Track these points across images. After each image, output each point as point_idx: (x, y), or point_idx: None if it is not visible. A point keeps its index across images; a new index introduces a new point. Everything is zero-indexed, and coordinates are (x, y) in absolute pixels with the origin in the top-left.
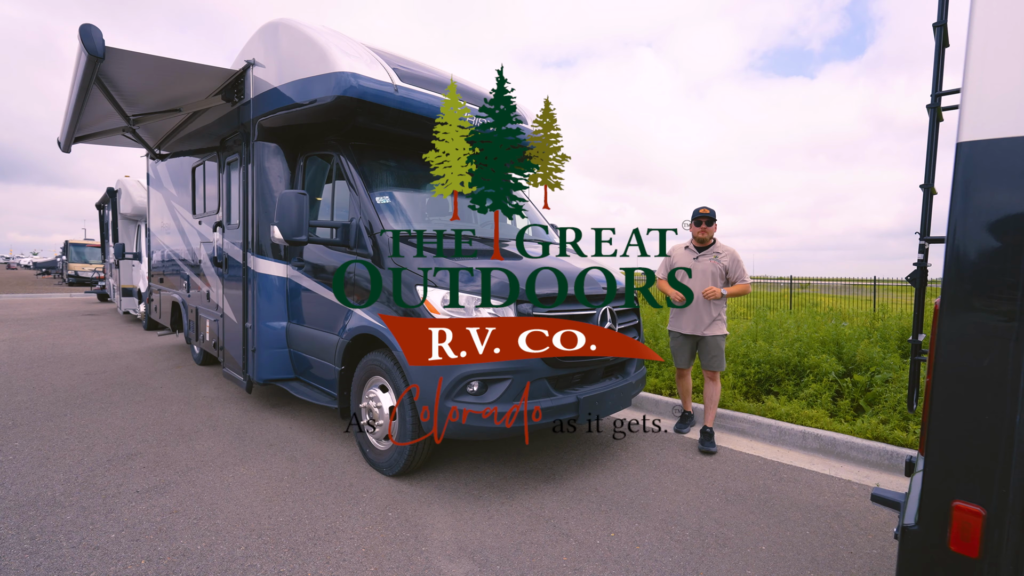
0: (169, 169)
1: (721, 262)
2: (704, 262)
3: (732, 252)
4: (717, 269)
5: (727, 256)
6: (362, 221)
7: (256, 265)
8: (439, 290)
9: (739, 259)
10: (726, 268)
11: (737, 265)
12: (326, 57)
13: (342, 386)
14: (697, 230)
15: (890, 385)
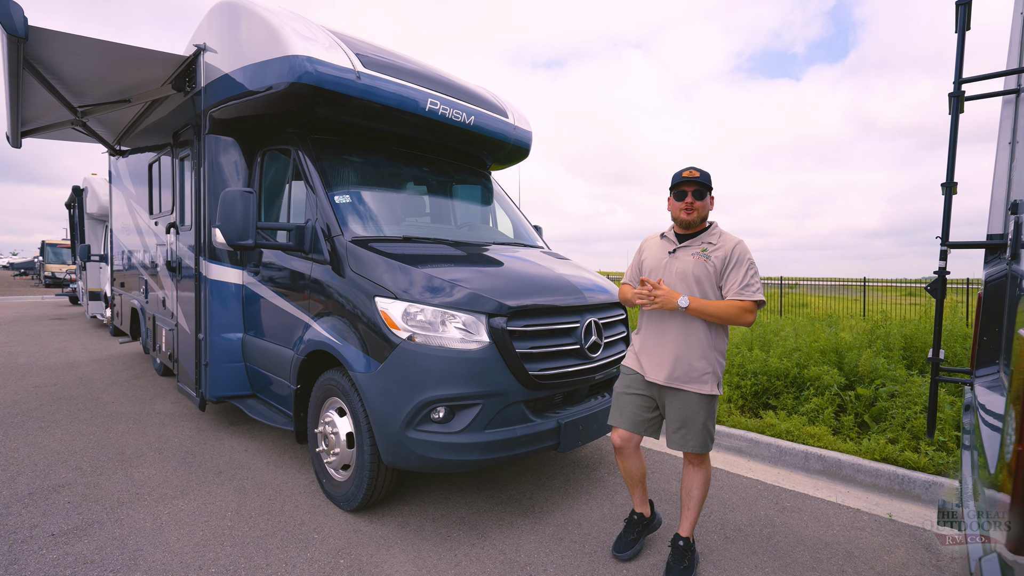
0: (129, 166)
1: (712, 260)
2: (683, 258)
3: (734, 247)
4: (703, 272)
5: (722, 251)
6: (319, 223)
7: (209, 271)
8: (399, 302)
9: (745, 258)
10: (717, 270)
11: (738, 268)
12: (278, 39)
13: (298, 407)
14: (679, 206)
15: (897, 400)
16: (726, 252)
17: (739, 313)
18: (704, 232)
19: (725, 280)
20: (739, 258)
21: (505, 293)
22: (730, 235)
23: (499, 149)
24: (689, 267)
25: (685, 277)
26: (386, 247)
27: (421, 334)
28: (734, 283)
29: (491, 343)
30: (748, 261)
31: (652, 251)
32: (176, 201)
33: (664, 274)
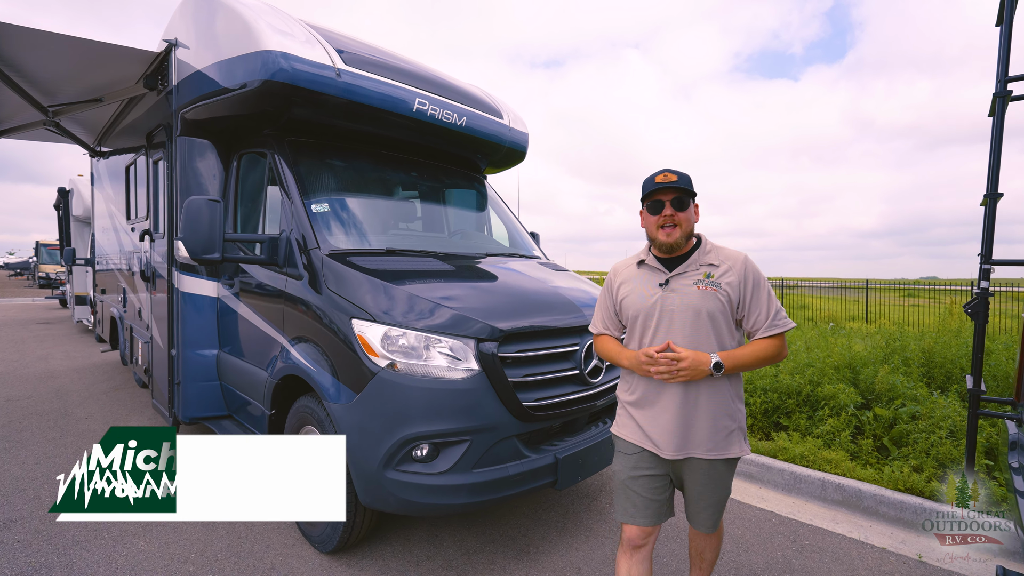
0: (108, 168)
1: (724, 288)
2: (684, 291)
3: (744, 265)
4: (717, 305)
5: (732, 274)
6: (294, 234)
7: (181, 283)
8: (379, 325)
9: (761, 278)
10: (732, 301)
11: (758, 293)
12: (251, 33)
13: (273, 433)
14: (655, 222)
15: (919, 423)
16: (739, 275)
17: (776, 352)
18: (696, 251)
19: (747, 311)
20: (756, 279)
21: (497, 314)
22: (728, 249)
23: (494, 152)
24: (697, 302)
25: (698, 317)
26: (367, 262)
27: (403, 361)
28: (760, 314)
29: (480, 371)
30: (765, 280)
31: (634, 285)
32: (150, 207)
33: (662, 316)
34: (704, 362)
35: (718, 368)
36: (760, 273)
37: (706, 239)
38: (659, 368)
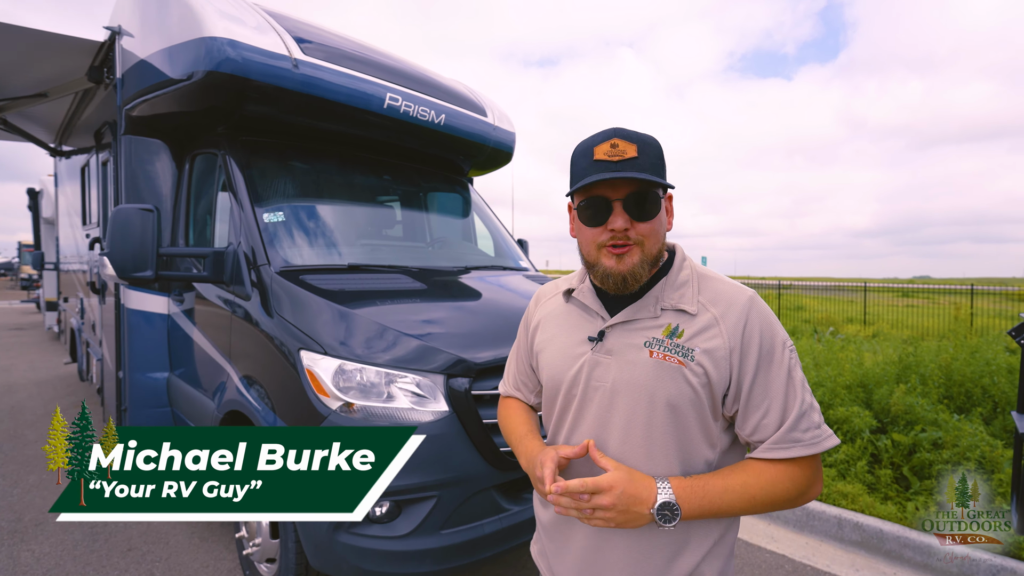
0: (67, 169)
1: (697, 358)
2: (626, 354)
3: (742, 314)
4: (680, 389)
5: (723, 334)
6: (243, 247)
7: (128, 299)
8: (331, 359)
9: (772, 344)
10: (716, 384)
11: (767, 370)
12: (194, 16)
13: None
14: (594, 237)
15: (943, 452)
16: (732, 335)
17: (795, 491)
18: (662, 280)
19: (745, 405)
20: (766, 345)
21: (472, 343)
22: (721, 281)
23: (477, 153)
24: (648, 380)
25: (651, 407)
26: (323, 280)
27: (359, 402)
28: (770, 415)
29: (451, 412)
30: (784, 347)
31: (554, 332)
32: (100, 213)
33: (587, 397)
34: (642, 501)
35: (666, 515)
36: (775, 332)
37: (683, 256)
38: (559, 504)
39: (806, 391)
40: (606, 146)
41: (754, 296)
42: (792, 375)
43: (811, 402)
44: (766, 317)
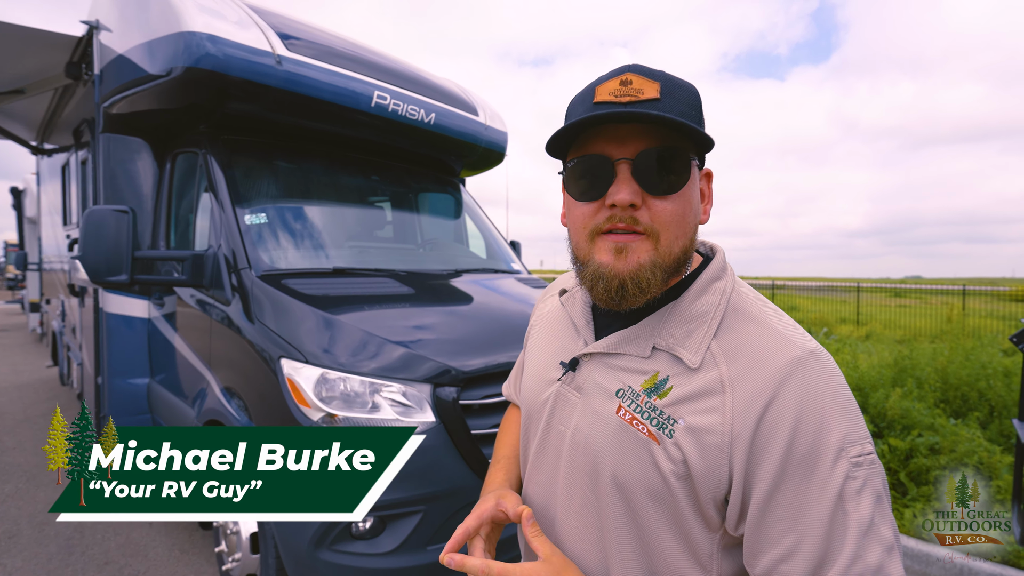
0: (49, 168)
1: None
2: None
3: (769, 391)
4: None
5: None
6: (223, 250)
7: (107, 302)
8: (313, 368)
9: (817, 450)
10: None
11: (797, 488)
12: (171, 10)
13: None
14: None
15: (940, 457)
16: (739, 409)
17: None
18: (672, 304)
19: (755, 535)
20: (798, 441)
21: (461, 350)
22: (762, 322)
23: (468, 152)
24: (599, 441)
25: (579, 476)
26: (306, 285)
27: (342, 413)
28: (800, 568)
29: (438, 423)
30: (840, 457)
31: (541, 341)
32: (79, 213)
33: (546, 441)
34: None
35: None
36: (826, 427)
37: (720, 269)
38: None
39: (872, 541)
40: (614, 83)
41: (807, 358)
42: (846, 507)
43: (877, 566)
44: (817, 396)
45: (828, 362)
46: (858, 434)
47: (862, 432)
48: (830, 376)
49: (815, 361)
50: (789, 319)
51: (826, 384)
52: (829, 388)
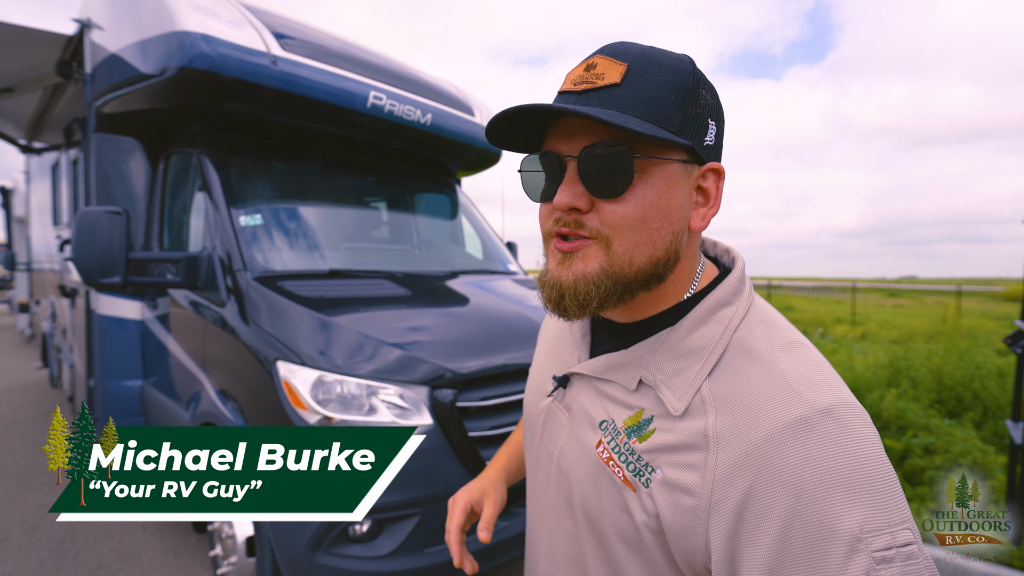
0: (38, 167)
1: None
2: (579, 429)
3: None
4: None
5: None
6: (218, 251)
7: (99, 304)
8: (309, 370)
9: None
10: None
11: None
12: (165, 9)
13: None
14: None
15: (935, 458)
16: (721, 475)
17: None
18: (668, 331)
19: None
20: (793, 525)
21: (458, 351)
22: (769, 365)
23: (465, 153)
24: (579, 473)
25: (562, 508)
26: (302, 287)
27: (339, 416)
28: None
29: (435, 425)
30: (852, 552)
31: (544, 346)
32: (69, 213)
33: (540, 458)
34: None
35: None
36: (830, 512)
37: (732, 292)
38: None
39: None
40: (579, 68)
41: (816, 418)
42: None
43: None
44: (823, 474)
45: (847, 423)
46: (886, 519)
47: (893, 517)
48: (846, 442)
49: (827, 423)
50: (809, 360)
51: (839, 454)
52: (842, 459)
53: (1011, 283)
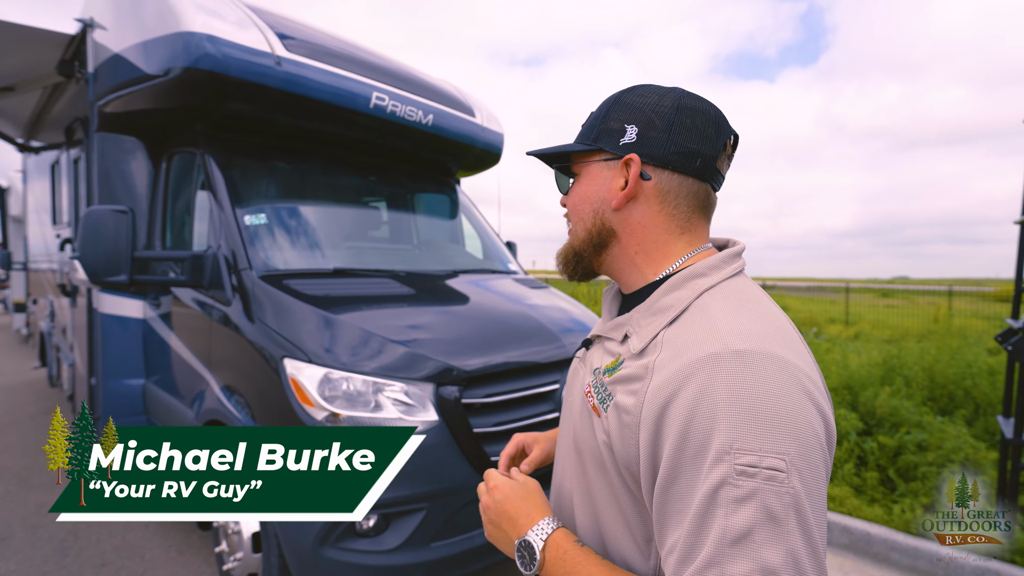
0: (37, 166)
1: (610, 411)
2: (579, 382)
3: (679, 381)
4: (589, 439)
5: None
6: (223, 250)
7: (101, 303)
8: (316, 367)
9: (708, 438)
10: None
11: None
12: (169, 10)
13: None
14: None
15: (928, 454)
16: (651, 394)
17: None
18: (654, 294)
19: (656, 510)
20: (689, 433)
21: (462, 349)
22: (717, 317)
23: (465, 154)
24: (575, 418)
25: (579, 457)
26: (307, 286)
27: (346, 413)
28: (674, 555)
29: (440, 422)
30: (722, 459)
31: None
32: (71, 213)
33: (565, 411)
34: (514, 524)
35: (523, 557)
36: (716, 427)
37: (709, 267)
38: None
39: (735, 555)
40: None
41: (727, 356)
42: (715, 511)
43: (725, 550)
44: (713, 396)
45: (754, 365)
46: (759, 445)
47: (769, 445)
48: (745, 380)
49: (735, 362)
50: (755, 319)
51: (734, 386)
52: (736, 391)
53: (1001, 283)
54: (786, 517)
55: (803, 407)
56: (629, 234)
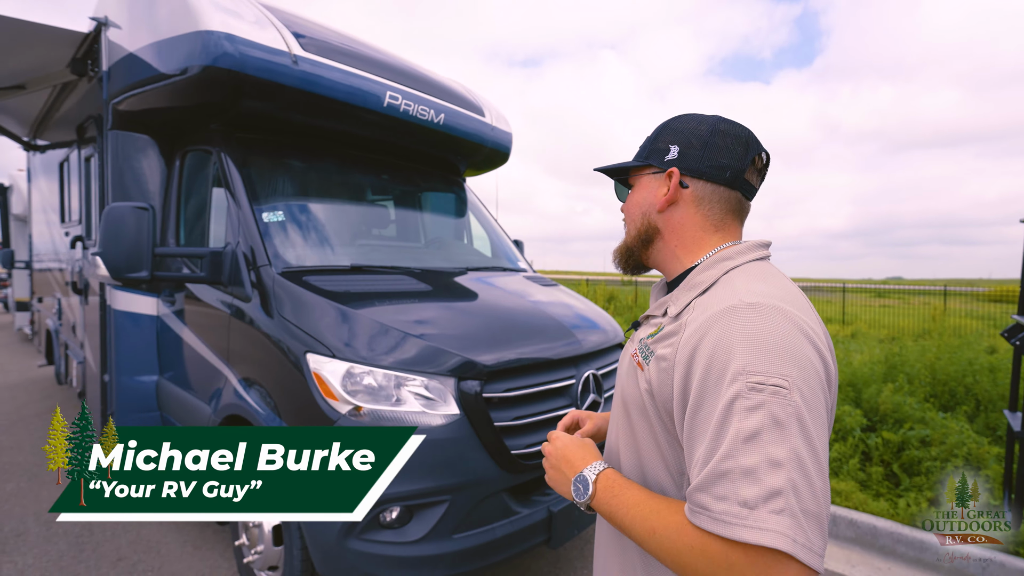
0: (43, 164)
1: (651, 367)
2: (627, 353)
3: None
4: (635, 393)
5: (679, 344)
6: (241, 247)
7: (115, 299)
8: (339, 362)
9: (725, 376)
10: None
11: (700, 408)
12: (189, 9)
13: None
14: None
15: (931, 449)
16: (683, 344)
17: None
18: (688, 277)
19: (686, 437)
20: (711, 366)
21: (480, 344)
22: (737, 286)
23: (474, 153)
24: (623, 380)
25: (625, 411)
26: (327, 282)
27: (368, 406)
28: (698, 464)
29: (462, 415)
30: (736, 379)
31: None
32: (82, 210)
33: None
34: (571, 466)
35: (579, 489)
36: (732, 357)
37: (731, 256)
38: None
39: (747, 450)
40: None
41: (742, 307)
42: (731, 419)
43: (749, 468)
44: (731, 335)
45: (765, 311)
46: (766, 368)
47: (774, 369)
48: (756, 322)
49: (748, 310)
50: (772, 286)
51: (748, 327)
52: (749, 330)
53: (994, 284)
54: (789, 423)
55: (804, 346)
56: (671, 231)
